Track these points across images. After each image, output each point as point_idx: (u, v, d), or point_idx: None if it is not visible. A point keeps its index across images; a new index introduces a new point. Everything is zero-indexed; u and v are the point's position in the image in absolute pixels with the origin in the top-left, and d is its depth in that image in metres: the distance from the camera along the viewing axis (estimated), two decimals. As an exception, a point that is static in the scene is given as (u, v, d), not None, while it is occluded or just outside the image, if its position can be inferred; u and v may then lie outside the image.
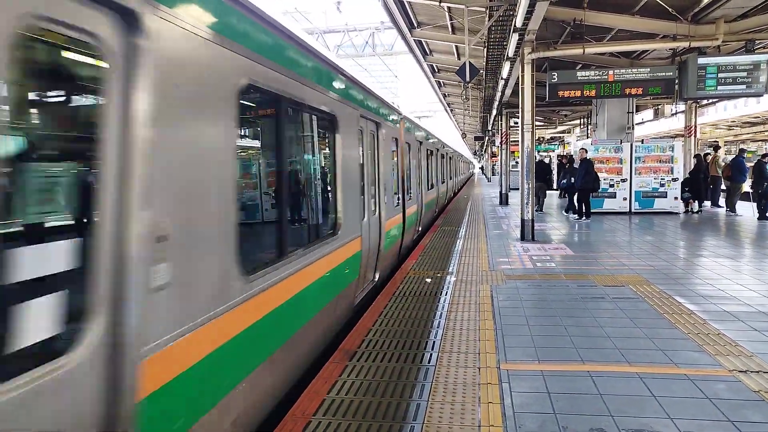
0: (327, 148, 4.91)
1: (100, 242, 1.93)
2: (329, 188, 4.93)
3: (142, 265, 2.04)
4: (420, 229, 11.39)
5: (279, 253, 3.50)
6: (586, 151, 13.62)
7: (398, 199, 8.54)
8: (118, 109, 2.00)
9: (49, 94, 2.03)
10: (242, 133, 3.36)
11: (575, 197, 13.69)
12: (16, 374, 1.60)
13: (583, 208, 13.27)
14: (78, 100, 2.16)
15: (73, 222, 2.04)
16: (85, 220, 2.01)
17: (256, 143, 3.89)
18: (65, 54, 1.98)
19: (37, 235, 1.85)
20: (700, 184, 14.17)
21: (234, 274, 2.76)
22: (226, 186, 2.73)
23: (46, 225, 1.89)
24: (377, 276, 6.73)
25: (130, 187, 2.01)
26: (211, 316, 2.51)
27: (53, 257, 1.82)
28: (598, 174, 13.49)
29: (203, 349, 2.47)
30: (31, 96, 1.90)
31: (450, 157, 20.68)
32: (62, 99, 2.10)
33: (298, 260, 3.73)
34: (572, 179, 14.35)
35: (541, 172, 15.49)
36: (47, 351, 1.75)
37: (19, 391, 1.59)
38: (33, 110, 1.94)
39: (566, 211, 14.74)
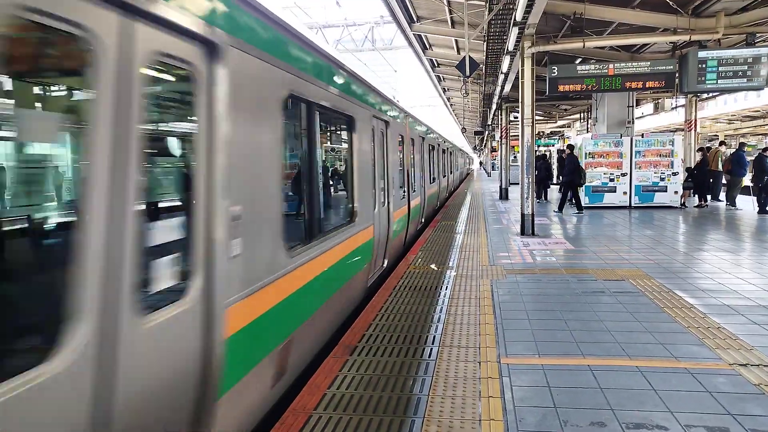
0: (420, 156, 11.13)
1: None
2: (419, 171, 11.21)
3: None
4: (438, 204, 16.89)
5: (408, 191, 9.00)
6: (573, 147, 14.52)
7: (433, 178, 14.74)
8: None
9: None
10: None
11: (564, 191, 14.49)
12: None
13: (575, 201, 13.72)
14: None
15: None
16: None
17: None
18: None
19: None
20: (705, 178, 14.17)
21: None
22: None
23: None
24: (423, 219, 11.57)
25: None
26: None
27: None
28: (583, 168, 14.05)
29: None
30: None
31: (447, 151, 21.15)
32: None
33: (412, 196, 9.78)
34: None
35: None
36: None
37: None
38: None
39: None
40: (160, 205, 2.51)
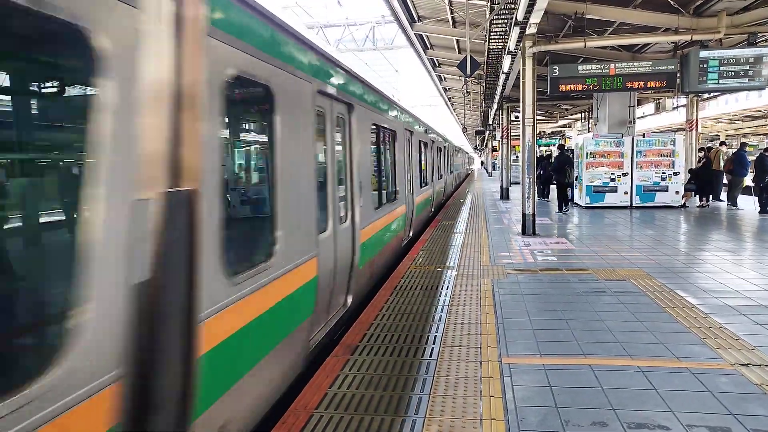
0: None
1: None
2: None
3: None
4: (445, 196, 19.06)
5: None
6: (563, 146, 15.50)
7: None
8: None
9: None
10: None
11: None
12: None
13: (561, 198, 14.14)
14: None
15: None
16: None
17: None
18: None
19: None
20: (711, 178, 14.17)
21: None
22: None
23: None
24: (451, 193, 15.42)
25: None
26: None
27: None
28: (570, 168, 14.58)
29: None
30: None
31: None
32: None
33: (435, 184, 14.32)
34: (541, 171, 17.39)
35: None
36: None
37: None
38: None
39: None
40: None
